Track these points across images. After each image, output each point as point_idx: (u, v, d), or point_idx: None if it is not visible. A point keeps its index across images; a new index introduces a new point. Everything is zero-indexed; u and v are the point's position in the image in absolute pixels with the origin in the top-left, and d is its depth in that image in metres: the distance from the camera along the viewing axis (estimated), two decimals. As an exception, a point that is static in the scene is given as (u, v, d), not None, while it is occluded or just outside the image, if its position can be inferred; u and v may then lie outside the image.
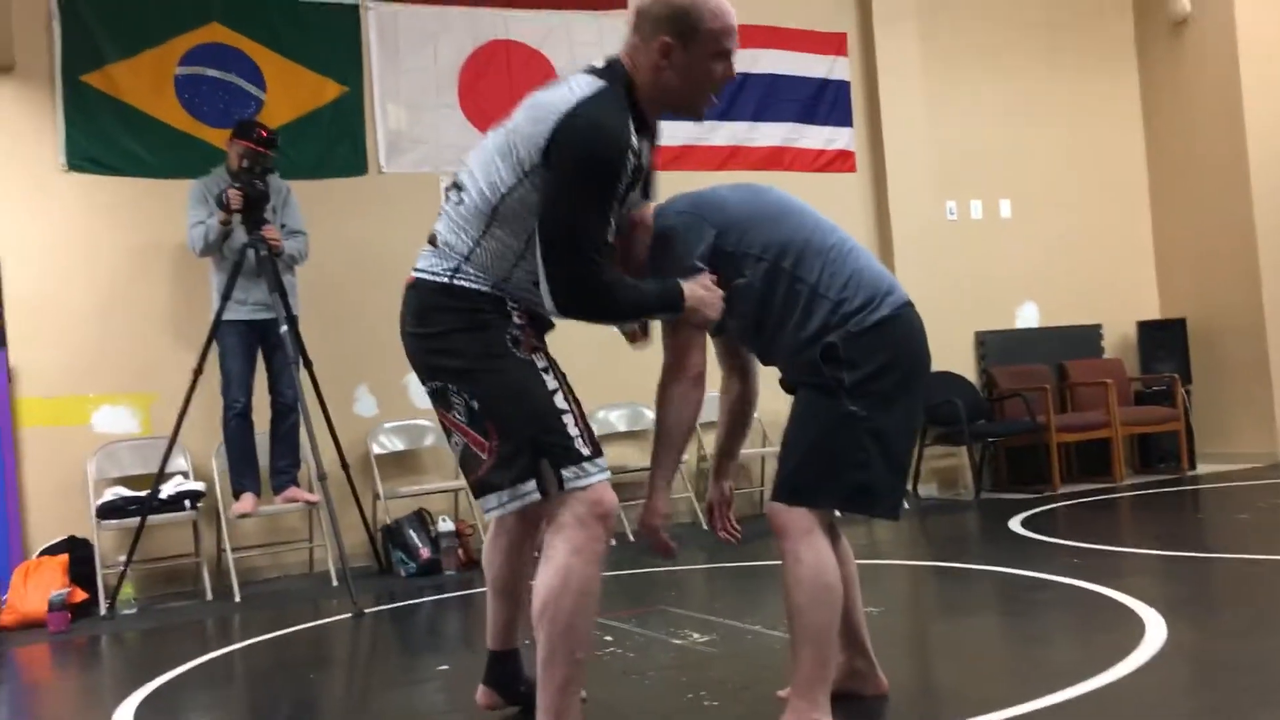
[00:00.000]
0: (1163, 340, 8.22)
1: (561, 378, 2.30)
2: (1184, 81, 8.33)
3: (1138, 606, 3.52)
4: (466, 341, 2.25)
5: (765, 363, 2.58)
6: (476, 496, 2.29)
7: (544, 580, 2.18)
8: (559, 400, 2.24)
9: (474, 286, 2.27)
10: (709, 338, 2.51)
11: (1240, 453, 7.88)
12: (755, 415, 2.84)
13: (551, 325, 2.46)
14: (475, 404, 2.24)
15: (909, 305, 2.46)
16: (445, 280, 2.29)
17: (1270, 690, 2.57)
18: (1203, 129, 8.18)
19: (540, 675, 2.19)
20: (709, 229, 2.44)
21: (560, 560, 2.18)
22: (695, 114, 2.42)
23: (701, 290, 2.37)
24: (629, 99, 2.30)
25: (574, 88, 2.25)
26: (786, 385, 2.54)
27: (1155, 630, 3.19)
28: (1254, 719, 2.31)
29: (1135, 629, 3.22)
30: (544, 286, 2.24)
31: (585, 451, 2.21)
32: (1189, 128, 8.30)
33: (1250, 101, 7.85)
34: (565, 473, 2.19)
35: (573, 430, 2.22)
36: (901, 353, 2.41)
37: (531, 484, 2.20)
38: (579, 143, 2.18)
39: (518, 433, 2.21)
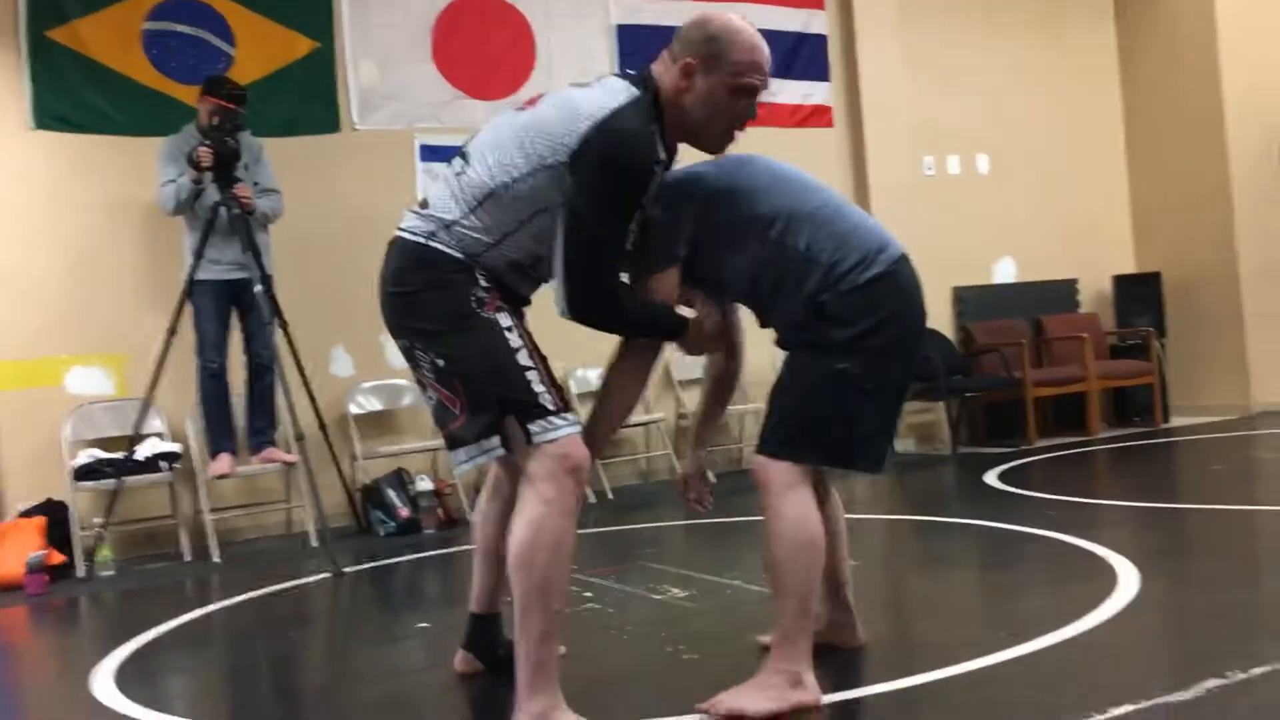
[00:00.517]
0: (1138, 294, 8.26)
1: (526, 335, 2.31)
2: (1161, 38, 8.32)
3: (1111, 557, 3.56)
4: (433, 302, 2.27)
5: (763, 326, 2.58)
6: (448, 450, 2.32)
7: (517, 534, 2.20)
8: (522, 358, 2.26)
9: (447, 251, 2.28)
10: None
11: (1214, 405, 7.96)
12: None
13: (527, 303, 2.48)
14: (440, 363, 2.27)
15: (903, 260, 2.46)
16: (421, 241, 2.30)
17: (1242, 639, 2.61)
18: (1179, 85, 8.19)
19: (517, 628, 2.20)
20: (688, 215, 2.43)
21: (532, 513, 2.19)
22: (706, 145, 2.41)
23: (706, 322, 2.46)
24: (656, 113, 2.31)
25: (608, 94, 2.25)
26: (781, 344, 2.54)
27: (1128, 580, 3.23)
28: (1226, 667, 2.34)
29: (1109, 579, 3.26)
30: (558, 287, 2.30)
31: (551, 406, 2.23)
32: (1166, 83, 8.30)
33: (1226, 56, 7.86)
34: (532, 427, 2.21)
35: (537, 386, 2.24)
36: (895, 309, 2.41)
37: (495, 440, 2.23)
38: (609, 153, 2.20)
39: (482, 390, 2.24)
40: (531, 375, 2.25)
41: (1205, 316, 8.10)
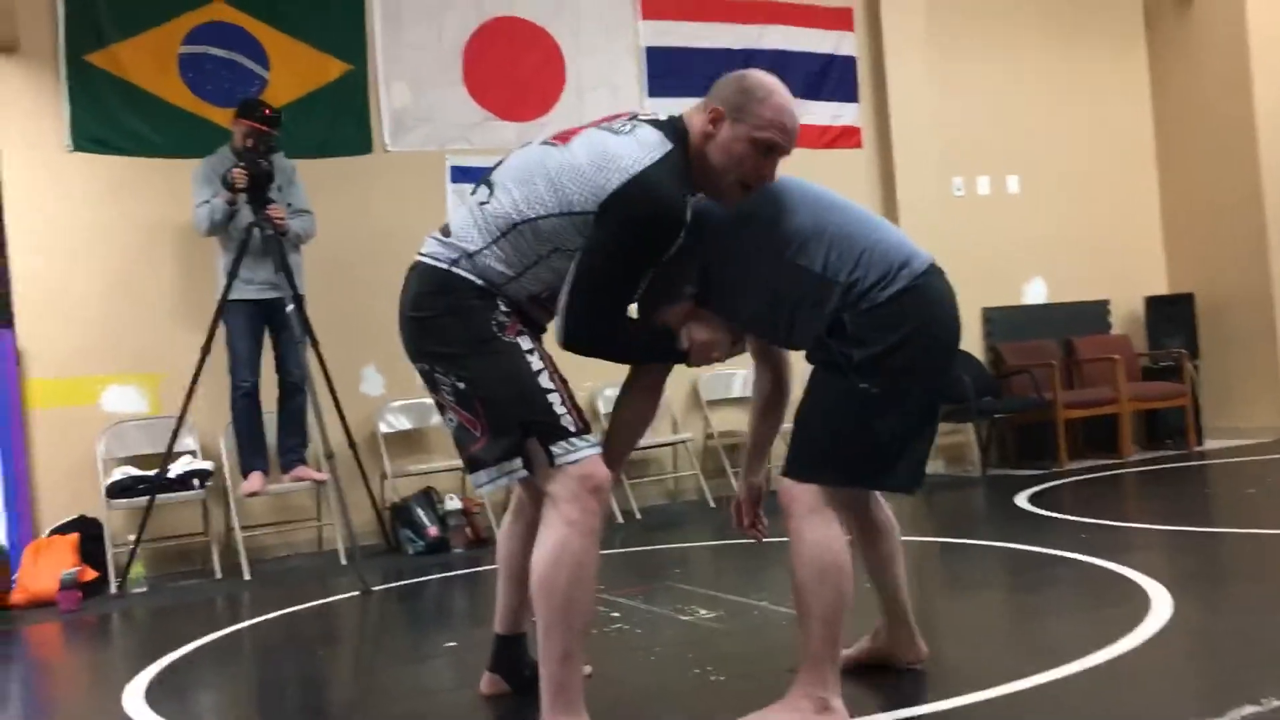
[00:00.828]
0: (1170, 315, 8.19)
1: (547, 358, 2.33)
2: (1192, 56, 8.27)
3: (1144, 581, 3.52)
4: (454, 327, 2.30)
5: (791, 349, 2.58)
6: (469, 472, 2.34)
7: (540, 554, 2.21)
8: (544, 380, 2.28)
9: (468, 277, 2.31)
10: None
11: (1248, 428, 7.87)
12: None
13: (544, 329, 2.50)
14: (462, 386, 2.29)
15: (930, 272, 2.41)
16: (443, 268, 2.32)
17: (1277, 665, 2.57)
18: (1211, 104, 8.13)
19: (541, 649, 2.21)
20: (696, 251, 2.42)
21: (555, 534, 2.20)
22: (719, 196, 2.40)
23: (705, 335, 2.43)
24: (685, 163, 2.32)
25: (643, 147, 2.26)
26: (810, 361, 2.54)
27: (1161, 605, 3.19)
28: (1260, 693, 2.31)
29: (1141, 604, 3.23)
30: (559, 321, 2.33)
31: (572, 428, 2.25)
32: (1197, 103, 8.25)
33: (1259, 76, 7.80)
34: (554, 449, 2.23)
35: (559, 409, 2.26)
36: (920, 324, 2.37)
37: (518, 461, 2.26)
38: (637, 210, 2.22)
39: (504, 413, 2.26)
40: (553, 397, 2.27)
41: (1239, 338, 8.02)
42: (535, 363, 2.29)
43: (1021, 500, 5.80)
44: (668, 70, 7.00)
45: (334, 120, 6.28)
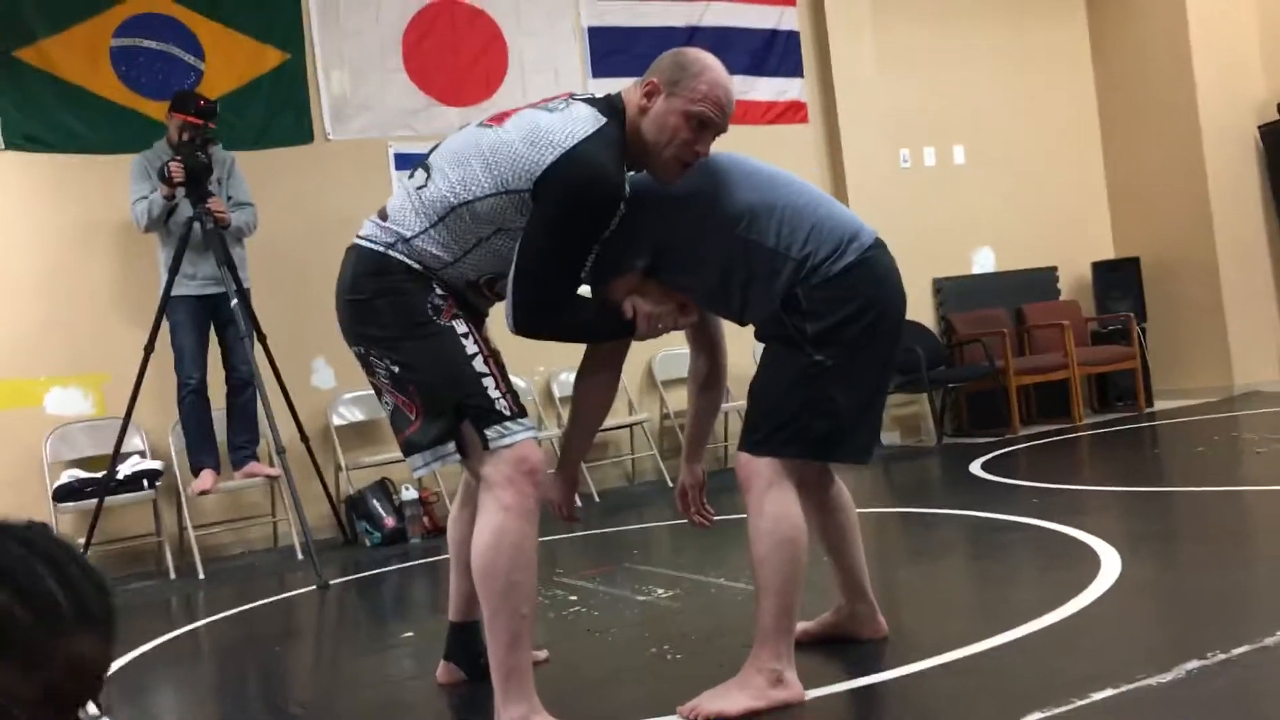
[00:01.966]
0: (1117, 280, 8.29)
1: (482, 342, 2.32)
2: (1133, 25, 8.35)
3: (1095, 543, 3.56)
4: (388, 310, 2.27)
5: (743, 325, 2.57)
6: (404, 456, 2.32)
7: (479, 540, 2.20)
8: (478, 364, 2.27)
9: (405, 261, 2.28)
10: None
11: (1196, 388, 7.99)
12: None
13: (485, 314, 2.50)
14: (396, 369, 2.27)
15: (876, 246, 2.43)
16: (380, 250, 2.30)
17: (1223, 620, 2.61)
18: (1152, 72, 8.22)
19: (488, 635, 2.20)
20: (647, 225, 2.42)
21: (492, 519, 2.19)
22: (657, 171, 2.38)
23: (650, 306, 2.42)
24: (621, 138, 2.30)
25: (576, 122, 2.24)
26: (760, 337, 2.53)
27: (1111, 565, 3.23)
28: (1206, 648, 2.34)
29: (1092, 565, 3.26)
30: (508, 305, 2.31)
31: (507, 412, 2.24)
32: (1139, 71, 8.34)
33: (1198, 39, 7.90)
34: (489, 433, 2.22)
35: (493, 392, 2.25)
36: (870, 297, 2.39)
37: (451, 445, 2.24)
38: (574, 186, 2.20)
39: (438, 396, 2.24)
40: (488, 381, 2.25)
41: (1185, 300, 8.14)
42: (470, 346, 2.27)
43: (976, 468, 5.85)
44: (611, 50, 6.96)
45: (273, 110, 6.18)
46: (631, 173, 2.39)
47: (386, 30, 6.46)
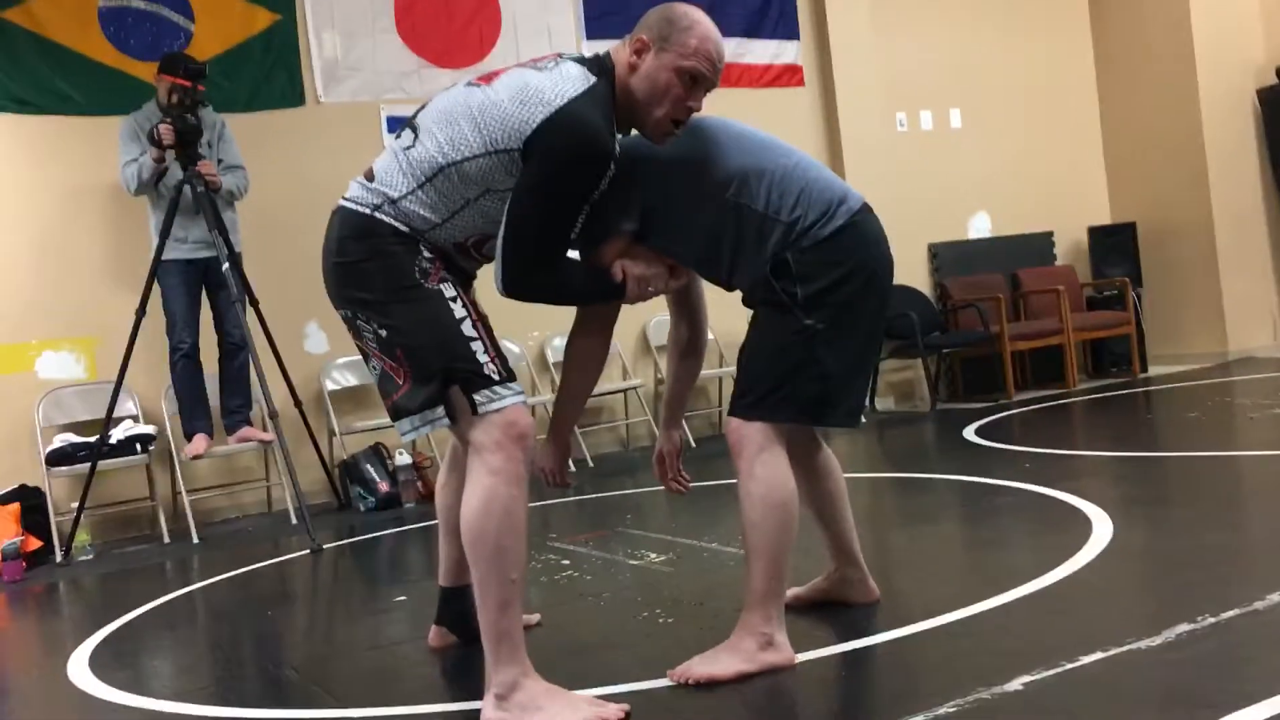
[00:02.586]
0: (1113, 245, 8.27)
1: (470, 305, 2.29)
2: (1131, -16, 8.28)
3: (1087, 508, 3.57)
4: (376, 272, 2.24)
5: (730, 290, 2.56)
6: (393, 420, 2.30)
7: (468, 505, 2.19)
8: (467, 328, 2.24)
9: (391, 223, 2.25)
10: None
11: (1191, 353, 8.00)
12: (711, 336, 2.84)
13: (473, 276, 2.48)
14: (384, 333, 2.25)
15: (864, 210, 2.43)
16: (366, 212, 2.27)
17: (1213, 584, 2.62)
18: (1150, 34, 8.16)
19: (478, 600, 2.19)
20: (637, 188, 2.40)
21: (481, 484, 2.18)
22: (646, 130, 2.36)
23: (640, 269, 2.41)
24: (611, 97, 2.28)
25: (566, 81, 2.21)
26: (748, 303, 2.52)
27: (1103, 530, 3.24)
28: (1196, 611, 2.35)
29: (1084, 529, 3.27)
30: (497, 266, 2.28)
31: (496, 376, 2.22)
32: (1137, 34, 8.27)
33: (1197, 5, 7.83)
34: (477, 397, 2.20)
35: (482, 357, 2.22)
36: (860, 260, 2.38)
37: (440, 410, 2.22)
38: (564, 143, 2.17)
39: (426, 360, 2.22)
40: (476, 346, 2.23)
41: (1181, 265, 8.12)
42: (458, 310, 2.25)
43: (970, 433, 5.86)
44: (605, 11, 6.89)
45: (264, 72, 6.12)
46: (620, 135, 2.37)
47: (378, -9, 6.39)
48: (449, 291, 2.26)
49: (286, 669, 2.94)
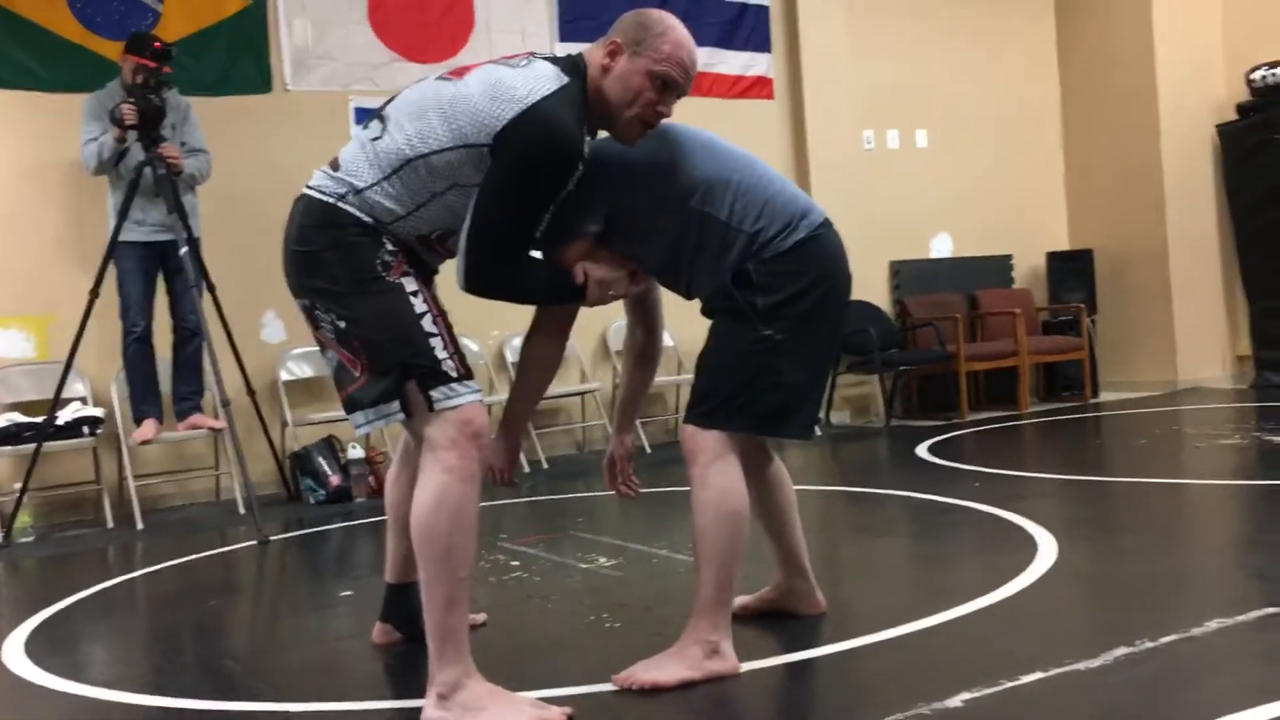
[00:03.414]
0: (1071, 271, 8.38)
1: (431, 300, 2.28)
2: (1099, 20, 8.40)
3: (1033, 528, 3.61)
4: (337, 263, 2.23)
5: (689, 298, 2.56)
6: (347, 413, 2.28)
7: (419, 501, 2.17)
8: (427, 323, 2.23)
9: (355, 213, 2.23)
10: None
11: (1141, 380, 8.11)
12: (670, 343, 2.84)
13: (436, 271, 2.46)
14: (342, 324, 2.23)
15: (826, 225, 2.45)
16: (330, 201, 2.25)
17: (1153, 609, 2.66)
18: (1116, 66, 8.28)
19: (424, 597, 2.18)
20: (603, 191, 2.40)
21: (434, 480, 2.17)
22: (618, 132, 2.37)
23: (601, 272, 2.41)
24: (583, 98, 2.28)
25: (538, 79, 2.21)
26: (706, 313, 2.53)
27: (1048, 551, 3.28)
28: (1135, 635, 2.38)
29: (1029, 550, 3.31)
30: (459, 261, 2.28)
31: (454, 373, 2.21)
32: (1103, 65, 8.40)
33: (1161, 38, 7.96)
34: (434, 394, 2.19)
35: (440, 353, 2.21)
36: (819, 274, 2.40)
37: (395, 404, 2.20)
38: (532, 142, 2.17)
39: (383, 354, 2.20)
40: (435, 341, 2.22)
41: (1135, 294, 8.24)
42: (419, 305, 2.24)
43: (922, 450, 5.91)
44: (580, 14, 6.89)
45: (232, 57, 6.06)
46: (589, 138, 2.37)
47: (352, -19, 6.35)
48: (410, 285, 2.24)
49: (227, 660, 2.91)
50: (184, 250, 5.05)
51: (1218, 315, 8.18)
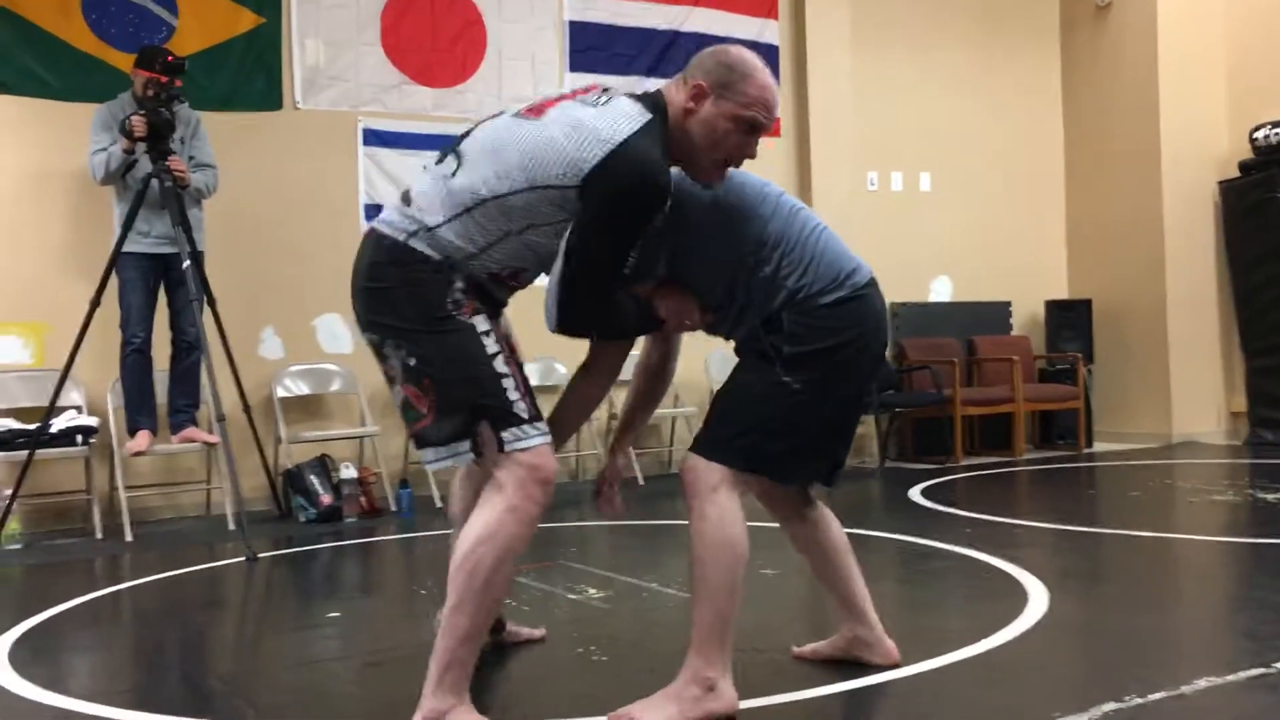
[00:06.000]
0: (1069, 320, 8.41)
1: (503, 340, 2.26)
2: (1104, 68, 8.48)
3: (1024, 577, 3.60)
4: (407, 301, 2.21)
5: (728, 339, 2.58)
6: (416, 449, 2.28)
7: (473, 527, 2.17)
8: (499, 364, 2.22)
9: (425, 251, 2.22)
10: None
11: (1136, 432, 8.12)
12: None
13: (504, 304, 2.44)
14: (412, 362, 2.22)
15: (871, 285, 2.45)
16: (400, 239, 2.23)
17: (1143, 665, 2.65)
18: (1119, 118, 8.35)
19: (446, 622, 2.17)
20: (669, 233, 2.40)
21: (494, 515, 2.16)
22: (700, 174, 2.36)
23: (674, 303, 2.44)
24: (665, 135, 2.27)
25: (622, 118, 2.19)
26: (737, 350, 2.54)
27: (1038, 601, 3.27)
28: (1124, 691, 2.37)
29: (1019, 599, 3.30)
30: (551, 304, 2.27)
31: (525, 415, 2.20)
32: (1107, 115, 8.47)
33: (1166, 93, 8.03)
34: (505, 435, 2.18)
35: (513, 394, 2.21)
36: (854, 334, 2.40)
37: (466, 444, 2.20)
38: (623, 181, 2.15)
39: (454, 394, 2.19)
40: (507, 382, 2.21)
41: (1132, 346, 8.27)
42: (491, 345, 2.22)
43: (915, 494, 5.90)
44: (590, 45, 6.94)
45: (243, 74, 6.10)
46: None
47: (366, 4, 6.41)
48: (482, 325, 2.23)
49: (211, 678, 2.89)
50: (186, 264, 5.06)
51: (1214, 370, 8.20)
